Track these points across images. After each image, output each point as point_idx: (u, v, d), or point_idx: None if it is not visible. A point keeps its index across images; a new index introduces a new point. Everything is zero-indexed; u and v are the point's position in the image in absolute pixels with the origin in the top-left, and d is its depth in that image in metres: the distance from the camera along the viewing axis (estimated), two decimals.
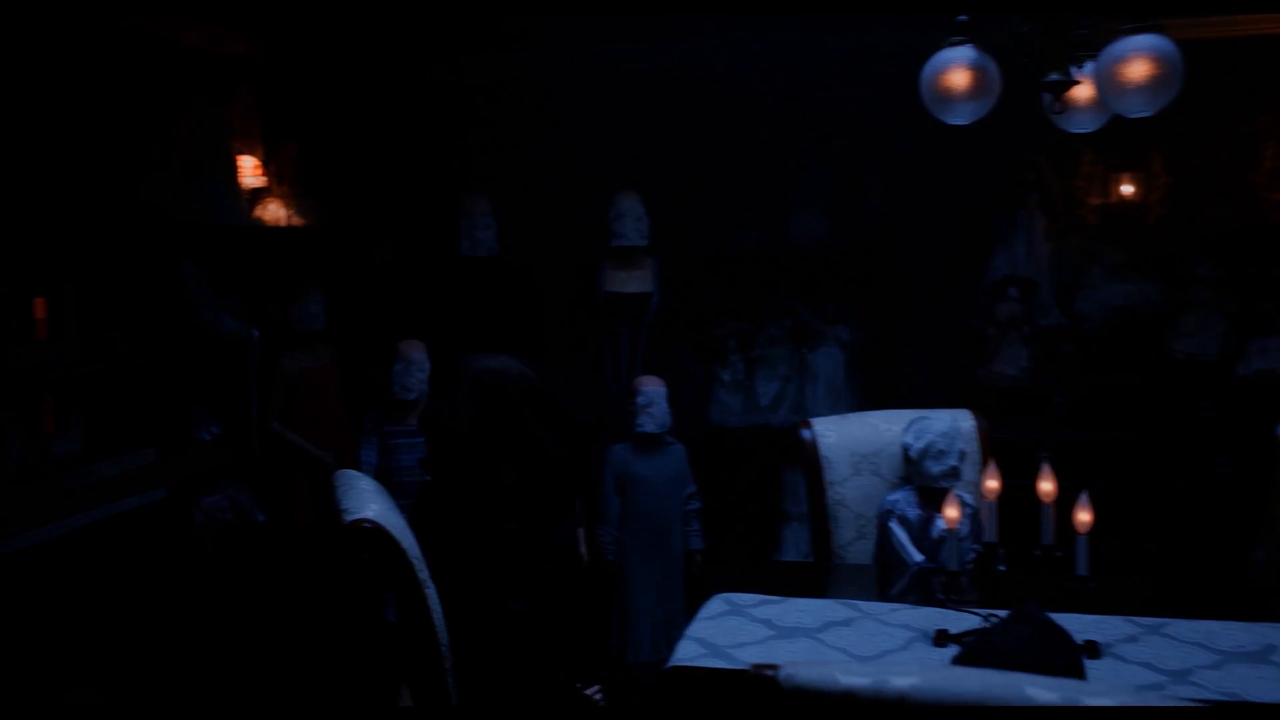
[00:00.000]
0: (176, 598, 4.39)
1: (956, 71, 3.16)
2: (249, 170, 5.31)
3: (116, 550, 4.19)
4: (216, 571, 4.61)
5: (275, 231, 5.44)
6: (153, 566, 4.35)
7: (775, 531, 5.66)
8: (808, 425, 3.80)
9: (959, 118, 3.24)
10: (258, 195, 5.38)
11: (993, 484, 3.09)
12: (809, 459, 3.74)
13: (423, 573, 2.66)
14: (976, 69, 3.15)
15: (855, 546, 3.70)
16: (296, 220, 5.52)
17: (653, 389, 4.75)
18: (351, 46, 5.69)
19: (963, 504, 3.22)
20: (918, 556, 3.39)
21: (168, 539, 4.45)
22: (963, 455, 3.52)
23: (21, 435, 3.97)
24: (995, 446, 3.72)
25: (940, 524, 3.30)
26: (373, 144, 6.02)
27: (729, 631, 2.83)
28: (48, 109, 4.21)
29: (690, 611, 3.13)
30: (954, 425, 3.55)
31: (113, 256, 4.49)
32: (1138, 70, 2.96)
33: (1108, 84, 3.03)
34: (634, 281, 5.38)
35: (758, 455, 5.64)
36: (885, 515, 3.52)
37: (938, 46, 3.23)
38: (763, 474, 5.67)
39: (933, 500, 3.40)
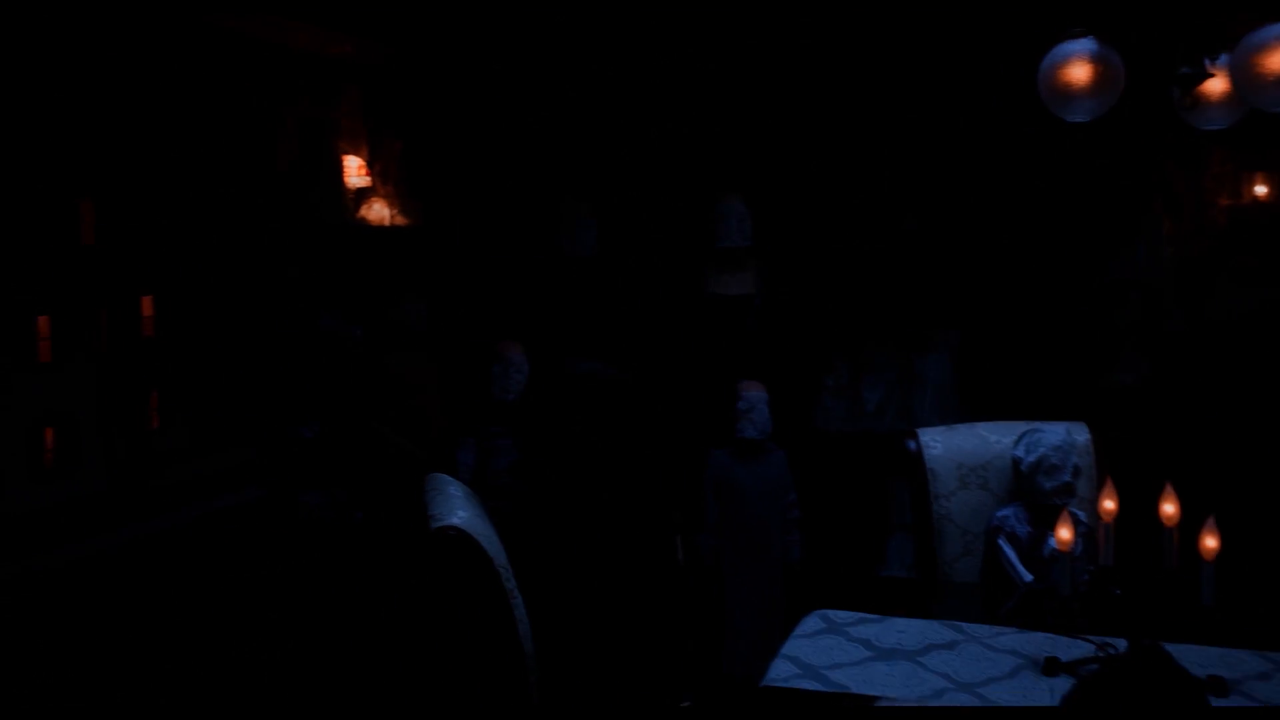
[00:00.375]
0: (274, 592, 4.44)
1: (1077, 65, 2.99)
2: (354, 170, 5.36)
3: (218, 544, 4.25)
4: (314, 567, 4.65)
5: (379, 231, 5.48)
6: (252, 561, 4.40)
7: (879, 543, 5.50)
8: (913, 435, 3.67)
9: (1079, 115, 3.06)
10: (362, 195, 5.43)
11: (1109, 504, 2.90)
12: (914, 470, 3.62)
13: (509, 582, 2.61)
14: (1098, 63, 2.97)
15: (961, 563, 3.55)
16: (400, 220, 5.56)
17: (754, 394, 4.65)
18: (458, 48, 5.70)
19: (1077, 523, 3.05)
20: (1027, 577, 3.23)
21: (268, 534, 4.51)
22: (1077, 470, 3.34)
23: (127, 431, 4.05)
24: (1113, 462, 3.53)
25: (1052, 543, 3.13)
26: (477, 144, 6.02)
27: (825, 651, 2.73)
28: (156, 113, 4.29)
29: (789, 624, 3.04)
30: (1068, 438, 3.37)
31: (219, 256, 4.57)
32: (1279, 61, 2.75)
33: (1245, 76, 2.83)
34: (736, 284, 5.29)
35: (862, 463, 5.49)
36: (994, 532, 3.36)
37: (1053, 41, 3.06)
38: (867, 483, 5.51)
39: (1044, 517, 3.24)
